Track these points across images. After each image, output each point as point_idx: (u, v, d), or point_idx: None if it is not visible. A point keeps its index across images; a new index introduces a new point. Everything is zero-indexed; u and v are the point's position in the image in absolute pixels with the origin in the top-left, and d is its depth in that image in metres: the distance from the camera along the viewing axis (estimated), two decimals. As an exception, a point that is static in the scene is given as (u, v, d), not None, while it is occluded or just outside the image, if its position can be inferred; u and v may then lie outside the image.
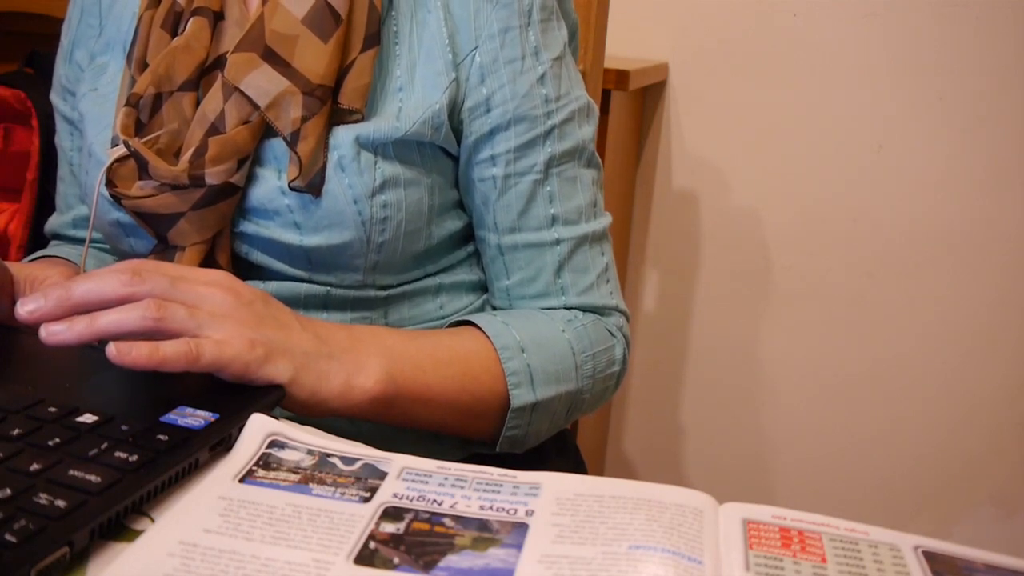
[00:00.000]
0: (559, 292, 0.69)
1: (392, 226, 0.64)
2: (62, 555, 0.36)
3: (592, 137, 0.71)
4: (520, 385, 0.64)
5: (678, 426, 1.60)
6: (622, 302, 0.72)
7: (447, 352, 0.62)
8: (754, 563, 0.37)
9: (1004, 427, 1.39)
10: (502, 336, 0.64)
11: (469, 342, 0.64)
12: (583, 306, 0.69)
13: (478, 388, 0.63)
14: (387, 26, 0.66)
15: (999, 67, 1.30)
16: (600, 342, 0.68)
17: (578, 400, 0.68)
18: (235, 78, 0.62)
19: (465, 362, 0.62)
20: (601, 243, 0.71)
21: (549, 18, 0.68)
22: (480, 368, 0.63)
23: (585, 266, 0.69)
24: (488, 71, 0.65)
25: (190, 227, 0.62)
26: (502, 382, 0.63)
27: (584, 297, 0.69)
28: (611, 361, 0.70)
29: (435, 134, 0.65)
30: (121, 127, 0.62)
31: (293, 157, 0.62)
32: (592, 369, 0.68)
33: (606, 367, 0.69)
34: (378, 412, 0.58)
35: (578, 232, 0.69)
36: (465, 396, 0.62)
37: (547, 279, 0.69)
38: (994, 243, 1.35)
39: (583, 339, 0.67)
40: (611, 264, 0.72)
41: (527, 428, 0.66)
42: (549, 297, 0.69)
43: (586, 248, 0.69)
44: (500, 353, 0.63)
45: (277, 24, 0.62)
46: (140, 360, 0.47)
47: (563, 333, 0.66)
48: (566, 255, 0.68)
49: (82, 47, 0.74)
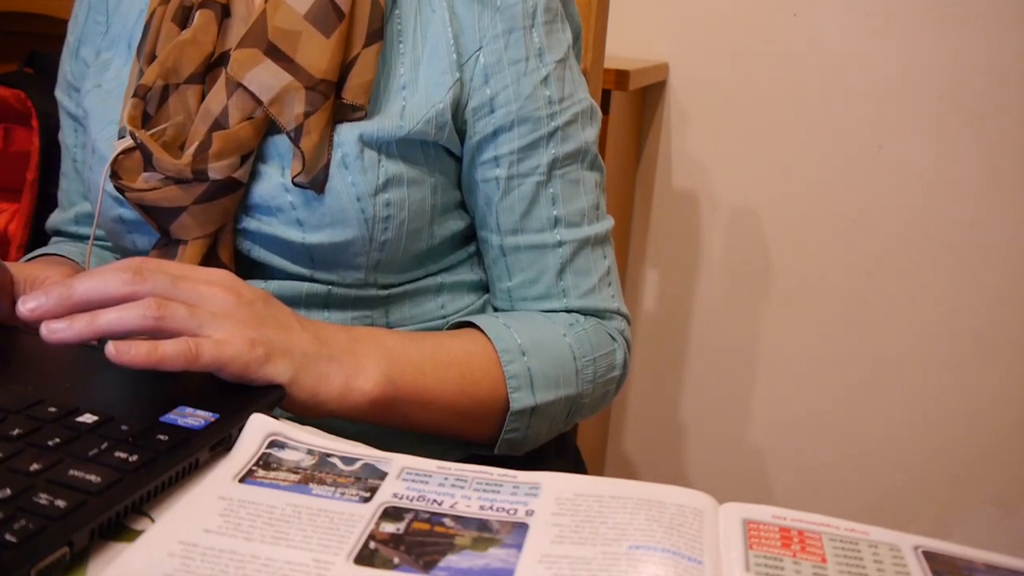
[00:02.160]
0: (561, 294, 0.69)
1: (395, 225, 0.64)
2: (62, 555, 0.36)
3: (595, 140, 0.71)
4: (520, 388, 0.64)
5: (678, 426, 1.60)
6: (623, 305, 0.72)
7: (447, 355, 0.62)
8: (754, 563, 0.37)
9: (1004, 427, 1.39)
10: (503, 339, 0.64)
11: (470, 344, 0.64)
12: (584, 309, 0.69)
13: (477, 392, 0.63)
14: (391, 24, 0.66)
15: (999, 67, 1.30)
16: (601, 347, 0.68)
17: (578, 404, 0.68)
18: (238, 74, 0.62)
19: (465, 365, 0.62)
20: (603, 246, 0.71)
21: (553, 20, 0.68)
22: (480, 372, 0.63)
23: (587, 269, 0.69)
24: (492, 72, 0.65)
25: (192, 221, 0.62)
26: (502, 385, 0.63)
27: (586, 300, 0.69)
28: (611, 366, 0.70)
29: (439, 133, 0.65)
30: (128, 118, 0.63)
31: (296, 152, 0.62)
32: (592, 374, 0.68)
33: (607, 372, 0.69)
34: (377, 414, 0.58)
35: (580, 235, 0.69)
36: (464, 399, 0.62)
37: (549, 281, 0.69)
38: (994, 243, 1.35)
39: (584, 344, 0.67)
40: (613, 267, 0.72)
41: (526, 431, 0.66)
42: (551, 299, 0.69)
43: (588, 251, 0.69)
44: (501, 356, 0.63)
45: (280, 20, 0.62)
46: (138, 359, 0.47)
47: (564, 337, 0.66)
48: (568, 257, 0.68)
49: (88, 44, 0.74)
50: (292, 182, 0.62)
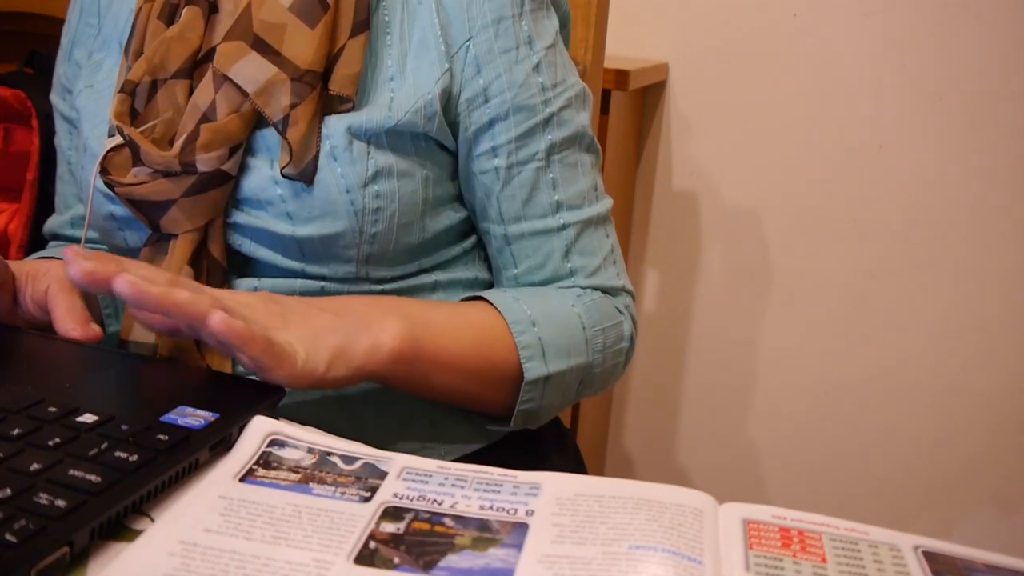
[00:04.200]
0: (568, 275, 0.70)
1: (385, 217, 0.64)
2: (62, 555, 0.36)
3: (589, 122, 0.71)
4: (532, 358, 0.64)
5: (678, 426, 1.60)
6: (628, 282, 0.73)
7: (463, 319, 0.64)
8: (754, 563, 0.37)
9: (1004, 427, 1.39)
10: (513, 311, 0.65)
11: (483, 314, 0.65)
12: (592, 288, 0.70)
13: (493, 355, 0.63)
14: (377, 15, 0.66)
15: (998, 67, 1.30)
16: (609, 317, 0.69)
17: (589, 374, 0.68)
18: (224, 67, 0.62)
19: (480, 329, 0.64)
20: (605, 225, 0.72)
21: (540, 7, 0.68)
22: (494, 337, 0.64)
23: (592, 248, 0.70)
24: (484, 62, 0.66)
25: (182, 214, 0.62)
26: (514, 354, 0.64)
27: (593, 279, 0.70)
28: (620, 337, 0.70)
29: (428, 124, 0.65)
30: (115, 113, 0.63)
31: (284, 143, 0.62)
32: (602, 343, 0.68)
33: (616, 342, 0.70)
34: (400, 374, 0.59)
35: (583, 216, 0.69)
36: (482, 362, 0.63)
37: (555, 264, 0.69)
38: (994, 243, 1.35)
39: (593, 313, 0.68)
40: (616, 246, 0.72)
41: (541, 401, 0.66)
42: (559, 282, 0.70)
43: (591, 231, 0.70)
44: (512, 327, 0.64)
45: (265, 13, 0.62)
46: (239, 332, 0.48)
47: (573, 308, 0.67)
48: (572, 239, 0.69)
49: (81, 46, 0.74)
50: (281, 174, 0.62)
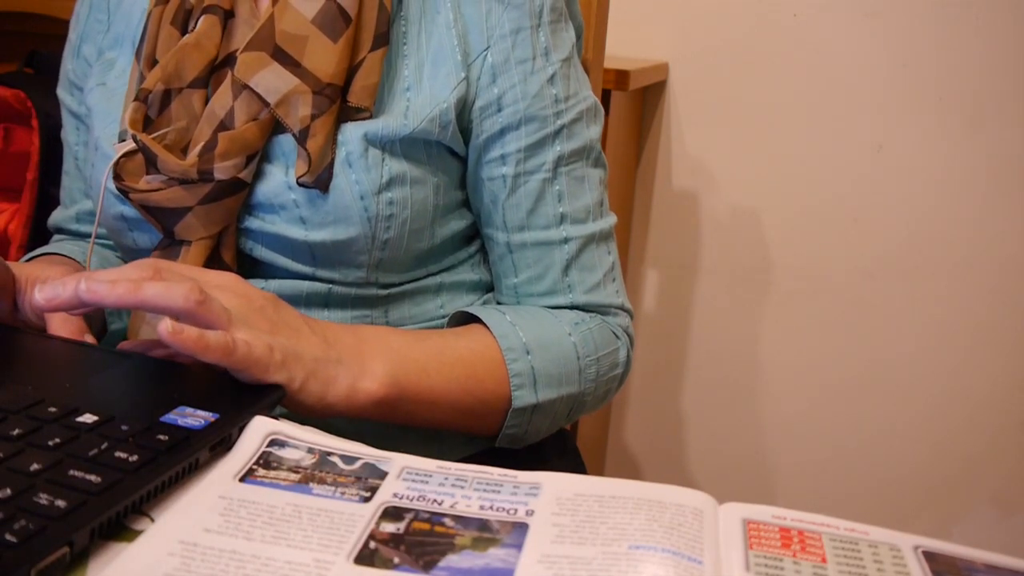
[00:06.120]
0: (566, 290, 0.69)
1: (397, 223, 0.64)
2: (62, 555, 0.36)
3: (599, 137, 0.71)
4: (523, 387, 0.64)
5: (678, 426, 1.60)
6: (627, 301, 0.73)
7: (452, 354, 0.63)
8: (754, 563, 0.37)
9: (1004, 427, 1.39)
10: (508, 337, 0.64)
11: (475, 343, 0.64)
12: (589, 305, 0.70)
13: (481, 391, 0.63)
14: (396, 26, 0.66)
15: (999, 67, 1.30)
16: (605, 345, 0.69)
17: (579, 402, 0.68)
18: (245, 75, 0.62)
19: (470, 364, 0.63)
20: (607, 242, 0.71)
21: (559, 19, 0.68)
22: (484, 370, 0.63)
23: (592, 264, 0.70)
24: (500, 71, 0.66)
25: (197, 221, 0.62)
26: (505, 384, 0.64)
27: (591, 295, 0.70)
28: (614, 364, 0.70)
29: (442, 132, 0.65)
30: (130, 121, 0.63)
31: (302, 153, 0.62)
32: (595, 373, 0.68)
33: (609, 370, 0.69)
34: (382, 413, 0.58)
35: (586, 231, 0.69)
36: (468, 398, 0.62)
37: (555, 277, 0.69)
38: (994, 243, 1.35)
39: (588, 343, 0.67)
40: (617, 263, 0.72)
41: (527, 427, 0.66)
42: (556, 295, 0.69)
43: (593, 247, 0.70)
44: (505, 355, 0.64)
45: (287, 24, 0.62)
46: (188, 342, 0.47)
47: (569, 336, 0.67)
48: (574, 253, 0.69)
49: (90, 42, 0.74)
50: (297, 182, 0.62)
